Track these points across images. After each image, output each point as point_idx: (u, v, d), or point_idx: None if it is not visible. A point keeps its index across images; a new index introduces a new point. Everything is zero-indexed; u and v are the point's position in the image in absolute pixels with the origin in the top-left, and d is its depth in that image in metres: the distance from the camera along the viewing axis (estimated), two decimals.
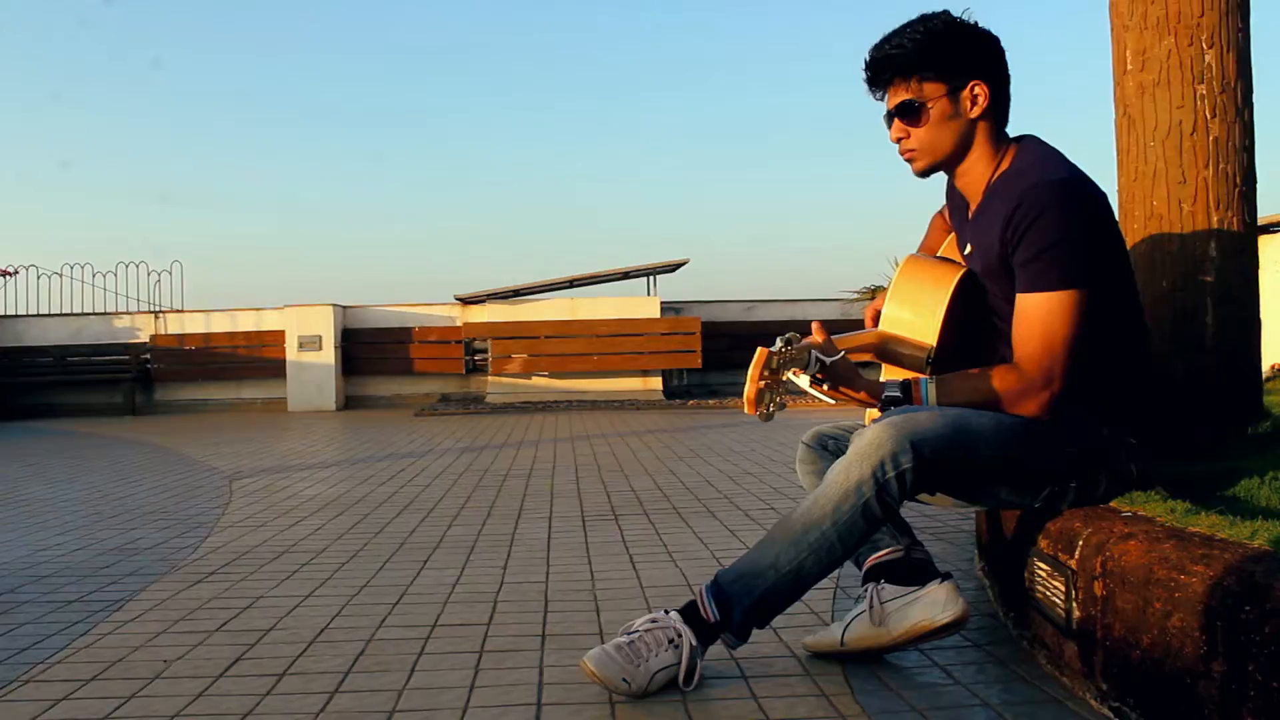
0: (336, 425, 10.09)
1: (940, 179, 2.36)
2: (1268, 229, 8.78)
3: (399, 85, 29.62)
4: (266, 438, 8.72)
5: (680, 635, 2.03)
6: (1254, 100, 3.06)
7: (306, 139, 28.90)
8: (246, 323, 13.37)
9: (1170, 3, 3.01)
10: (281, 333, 12.92)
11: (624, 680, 1.99)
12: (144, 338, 13.32)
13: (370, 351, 13.12)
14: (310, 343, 12.73)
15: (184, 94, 27.79)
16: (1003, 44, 2.20)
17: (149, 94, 27.86)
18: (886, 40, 2.19)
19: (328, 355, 12.73)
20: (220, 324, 13.39)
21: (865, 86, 2.24)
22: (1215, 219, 2.99)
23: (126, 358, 13.01)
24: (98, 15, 26.85)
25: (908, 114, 2.18)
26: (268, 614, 2.77)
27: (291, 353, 12.77)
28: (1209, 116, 2.99)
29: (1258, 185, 3.07)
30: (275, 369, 12.94)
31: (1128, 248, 2.54)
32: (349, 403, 13.12)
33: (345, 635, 2.55)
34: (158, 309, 14.07)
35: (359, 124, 29.29)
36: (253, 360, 13.12)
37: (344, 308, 13.20)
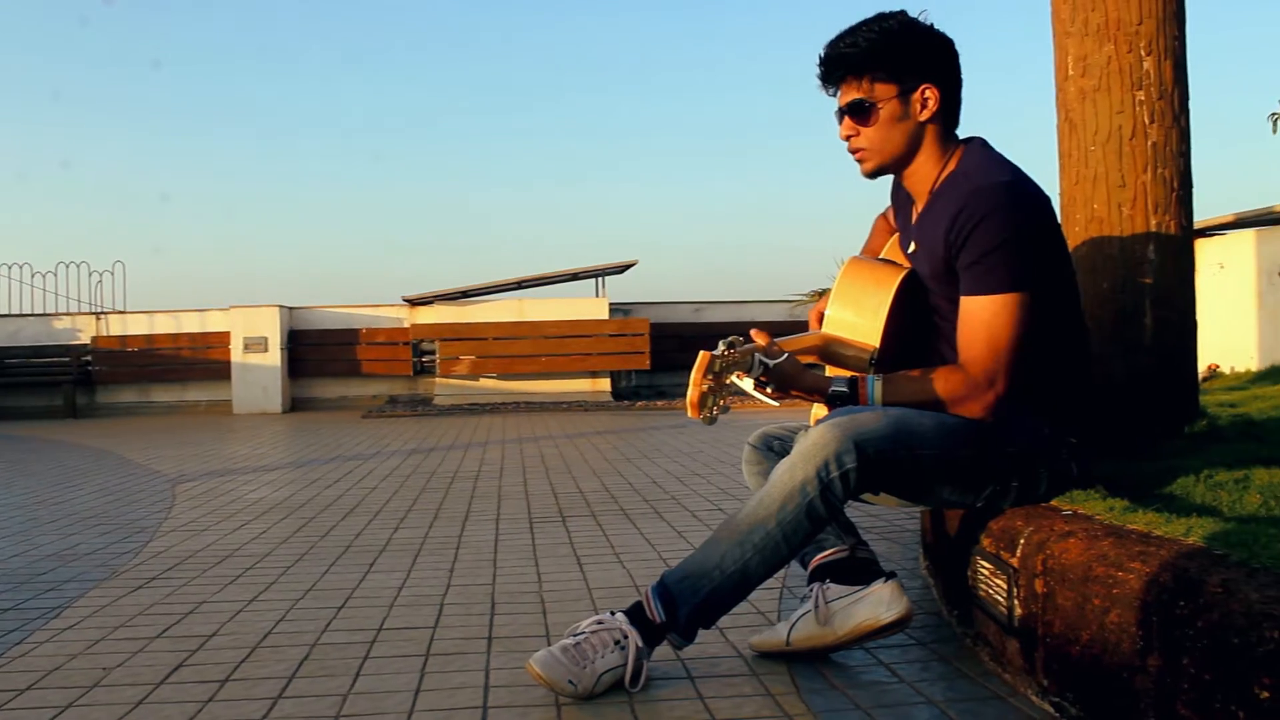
0: (282, 428, 9.98)
1: (885, 178, 2.38)
2: (1203, 233, 8.95)
3: (347, 86, 29.40)
4: (211, 440, 8.61)
5: (626, 636, 2.03)
6: (1190, 107, 3.12)
7: (255, 140, 28.57)
8: (191, 324, 13.19)
9: (1110, 10, 3.06)
10: (226, 334, 12.76)
11: (570, 682, 1.98)
12: (85, 339, 13.08)
13: (317, 353, 12.99)
14: (256, 344, 12.58)
15: (131, 96, 27.38)
16: (956, 48, 2.21)
17: (98, 96, 27.44)
18: (841, 38, 2.19)
19: (274, 357, 12.59)
20: (164, 325, 13.19)
21: (819, 82, 2.25)
22: (1154, 222, 3.04)
23: (67, 359, 12.78)
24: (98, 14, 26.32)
25: (858, 113, 2.19)
26: (210, 619, 2.73)
27: (237, 354, 12.62)
28: (1147, 122, 3.04)
29: (1193, 190, 3.14)
30: (220, 371, 12.78)
31: (1069, 250, 2.58)
32: (295, 405, 12.98)
33: (289, 640, 2.52)
34: (99, 310, 13.85)
35: (308, 125, 29.01)
36: (197, 362, 12.94)
37: (290, 309, 13.06)
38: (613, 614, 2.07)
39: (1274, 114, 3.53)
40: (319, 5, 29.05)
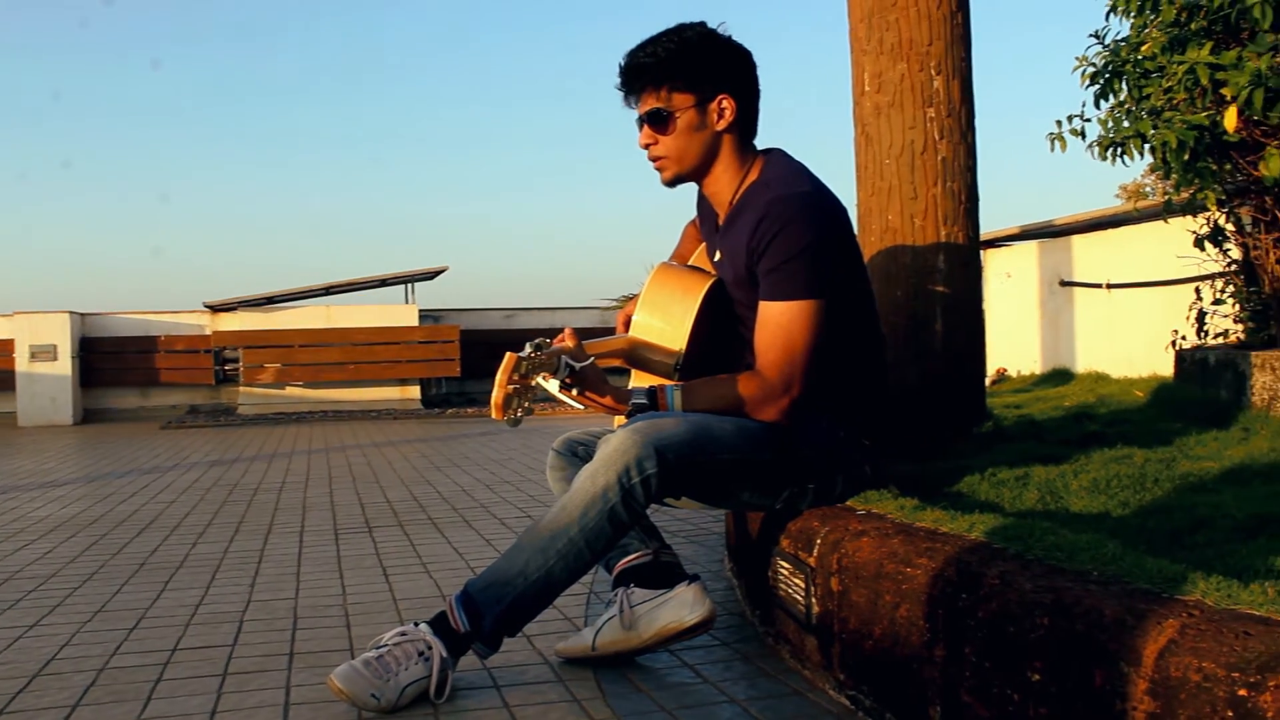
0: (73, 441, 9.46)
1: (691, 189, 2.42)
2: (991, 243, 9.44)
3: (152, 83, 28.15)
4: None
5: (430, 647, 2.00)
6: (975, 125, 3.29)
7: (41, 140, 27.06)
8: None
9: (903, 30, 3.20)
10: (10, 341, 11.96)
11: (373, 696, 1.94)
12: None
13: (112, 361, 12.34)
14: (43, 352, 11.85)
15: None
16: (754, 60, 2.26)
17: None
18: (640, 48, 2.22)
19: (64, 365, 11.89)
20: None
21: (619, 92, 2.27)
22: (944, 233, 3.19)
23: None
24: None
25: (656, 122, 2.22)
26: None
27: (22, 363, 11.85)
28: (938, 138, 3.19)
29: (980, 203, 3.31)
30: (3, 381, 11.99)
31: (865, 259, 2.68)
32: (88, 416, 12.31)
33: (74, 666, 2.39)
34: None
35: (97, 125, 27.65)
36: None
37: (82, 315, 12.37)
38: (416, 625, 2.04)
39: (1052, 133, 3.75)
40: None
